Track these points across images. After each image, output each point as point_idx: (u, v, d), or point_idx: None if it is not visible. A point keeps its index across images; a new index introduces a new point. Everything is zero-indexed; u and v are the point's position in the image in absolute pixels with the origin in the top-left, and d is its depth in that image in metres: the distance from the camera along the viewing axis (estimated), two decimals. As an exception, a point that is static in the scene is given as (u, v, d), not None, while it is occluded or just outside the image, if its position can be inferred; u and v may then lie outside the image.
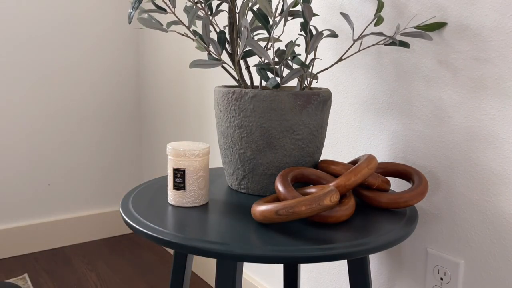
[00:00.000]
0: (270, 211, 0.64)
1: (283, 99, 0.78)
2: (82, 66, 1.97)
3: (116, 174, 2.13)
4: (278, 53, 0.85)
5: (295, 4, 0.84)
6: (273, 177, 0.82)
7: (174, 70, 1.83)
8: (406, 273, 0.96)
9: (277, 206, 0.64)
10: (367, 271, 0.81)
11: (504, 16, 0.75)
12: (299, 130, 0.80)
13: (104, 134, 2.07)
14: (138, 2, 0.81)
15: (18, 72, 1.82)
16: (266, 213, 0.65)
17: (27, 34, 1.82)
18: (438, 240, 0.89)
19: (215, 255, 0.60)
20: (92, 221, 2.06)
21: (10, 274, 1.72)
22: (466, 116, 0.82)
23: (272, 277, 1.38)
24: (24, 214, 1.91)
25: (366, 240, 0.64)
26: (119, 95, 2.08)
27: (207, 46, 0.84)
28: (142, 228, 0.67)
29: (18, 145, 1.86)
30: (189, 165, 0.76)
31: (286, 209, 0.63)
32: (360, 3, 0.99)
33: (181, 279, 0.89)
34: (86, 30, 1.95)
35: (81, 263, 1.83)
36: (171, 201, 0.78)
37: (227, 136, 0.83)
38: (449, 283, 0.87)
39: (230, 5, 0.85)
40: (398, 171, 0.84)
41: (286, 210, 0.63)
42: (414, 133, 0.91)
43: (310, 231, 0.67)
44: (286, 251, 0.60)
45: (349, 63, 1.03)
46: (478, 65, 0.79)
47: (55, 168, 1.96)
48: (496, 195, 0.79)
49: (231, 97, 0.81)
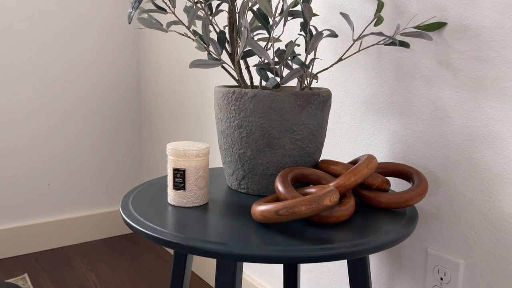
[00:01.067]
0: (270, 211, 0.64)
1: (283, 99, 0.78)
2: (82, 66, 1.97)
3: (116, 174, 2.13)
4: (278, 53, 0.85)
5: (295, 4, 0.84)
6: (273, 177, 0.82)
7: (174, 70, 1.83)
8: (406, 273, 0.96)
9: (277, 206, 0.64)
10: (367, 271, 0.81)
11: (504, 16, 0.75)
12: (299, 130, 0.80)
13: (104, 134, 2.07)
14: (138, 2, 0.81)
15: (17, 72, 1.82)
16: (266, 213, 0.65)
17: (26, 35, 1.82)
18: (438, 240, 0.89)
19: (215, 255, 0.60)
20: (92, 221, 2.06)
21: (10, 274, 1.72)
22: (466, 116, 0.82)
23: (272, 277, 1.38)
24: (24, 214, 1.91)
25: (366, 240, 0.64)
26: (119, 95, 2.08)
27: (207, 46, 0.84)
28: (142, 228, 0.67)
29: (18, 145, 1.86)
30: (189, 165, 0.76)
31: (286, 209, 0.63)
32: (360, 3, 0.99)
33: (181, 279, 0.89)
34: (86, 30, 1.95)
35: (81, 263, 1.83)
36: (171, 201, 0.78)
37: (227, 136, 0.83)
38: (449, 283, 0.87)
39: (230, 5, 0.85)
40: (398, 171, 0.84)
41: (286, 210, 0.63)
42: (414, 133, 0.91)
43: (310, 231, 0.67)
44: (286, 251, 0.59)
45: (349, 63, 1.03)
46: (478, 65, 0.79)
47: (55, 168, 1.96)
48: (496, 195, 0.79)
49: (231, 97, 0.81)
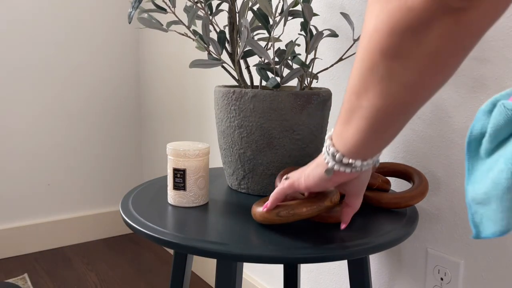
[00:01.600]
0: (271, 213, 0.64)
1: (283, 99, 0.78)
2: (82, 66, 1.97)
3: (116, 174, 2.13)
4: (278, 53, 0.85)
5: (295, 4, 0.84)
6: (273, 177, 0.82)
7: (174, 70, 1.83)
8: (406, 273, 0.96)
9: (278, 208, 0.64)
10: (367, 271, 0.81)
11: (504, 16, 0.75)
12: (299, 130, 0.80)
13: (104, 134, 2.06)
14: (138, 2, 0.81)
15: (18, 73, 1.82)
16: (266, 215, 0.65)
17: (26, 35, 1.82)
18: (438, 240, 0.89)
19: (215, 255, 0.60)
20: (92, 221, 2.06)
21: (10, 274, 1.72)
22: (466, 116, 0.82)
23: (272, 277, 1.37)
24: (24, 214, 1.91)
25: (366, 240, 0.64)
26: (119, 95, 2.08)
27: (207, 46, 0.84)
28: (142, 228, 0.67)
29: (18, 145, 1.86)
30: (189, 165, 0.75)
31: (287, 210, 0.63)
32: (360, 3, 0.99)
33: (181, 279, 0.89)
34: (85, 30, 1.95)
35: (81, 263, 1.83)
36: (171, 201, 0.78)
37: (227, 136, 0.83)
38: (449, 283, 0.87)
39: (230, 5, 0.85)
40: (398, 171, 0.84)
41: (287, 212, 0.63)
42: (414, 133, 0.91)
43: (310, 231, 0.67)
44: (286, 251, 0.59)
45: (349, 63, 1.03)
46: (478, 65, 0.79)
47: (55, 168, 1.96)
48: (496, 195, 0.79)
49: (231, 97, 0.80)
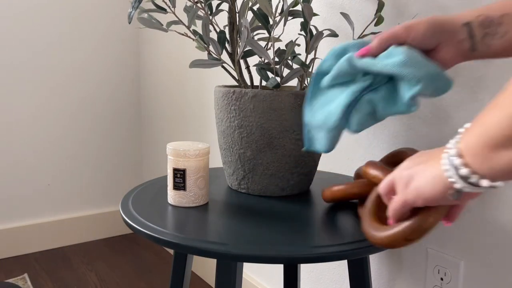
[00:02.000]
0: (398, 237, 0.53)
1: (283, 99, 0.78)
2: (82, 66, 1.97)
3: (116, 174, 2.13)
4: (278, 53, 0.85)
5: (295, 4, 0.84)
6: (273, 177, 0.82)
7: (174, 70, 1.83)
8: (406, 273, 0.96)
9: (405, 232, 0.52)
10: (367, 271, 0.81)
11: (504, 16, 0.75)
12: (299, 130, 0.80)
13: (104, 134, 2.06)
14: (138, 2, 0.81)
15: (18, 73, 1.82)
16: (393, 239, 0.53)
17: (26, 35, 1.82)
18: (438, 240, 0.89)
19: (214, 255, 0.60)
20: (92, 221, 2.06)
21: (10, 274, 1.72)
22: (466, 116, 0.82)
23: (272, 277, 1.37)
24: (24, 214, 1.91)
25: (366, 240, 0.64)
26: (119, 94, 2.08)
27: (207, 46, 0.84)
28: (142, 228, 0.66)
29: (18, 145, 1.86)
30: (189, 165, 0.75)
31: (417, 233, 0.52)
32: (360, 3, 0.99)
33: (181, 279, 0.89)
34: (85, 30, 1.95)
35: (81, 263, 1.83)
36: (171, 201, 0.78)
37: (227, 136, 0.83)
38: (450, 283, 0.87)
39: (230, 4, 0.85)
40: None
41: (417, 234, 0.52)
42: (414, 133, 0.91)
43: (310, 231, 0.67)
44: (286, 251, 0.59)
45: (349, 63, 1.03)
46: (478, 65, 0.79)
47: (55, 168, 1.96)
48: (496, 195, 0.79)
49: (231, 97, 0.80)
